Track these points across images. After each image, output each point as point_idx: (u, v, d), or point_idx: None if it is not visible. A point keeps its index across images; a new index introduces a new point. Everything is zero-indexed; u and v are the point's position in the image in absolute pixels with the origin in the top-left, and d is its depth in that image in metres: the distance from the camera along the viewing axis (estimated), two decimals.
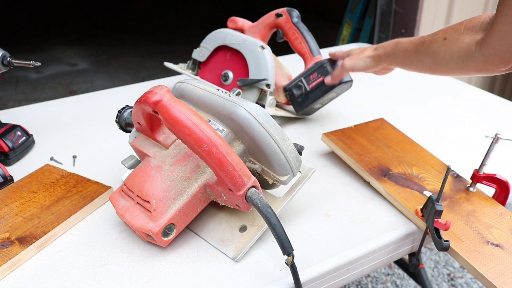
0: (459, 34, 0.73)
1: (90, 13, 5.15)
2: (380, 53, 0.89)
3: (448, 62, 0.75)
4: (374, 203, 0.84)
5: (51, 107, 1.21)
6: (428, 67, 0.80)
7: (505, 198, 0.83)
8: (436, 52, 0.76)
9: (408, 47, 0.83)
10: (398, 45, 0.86)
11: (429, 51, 0.78)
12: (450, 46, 0.74)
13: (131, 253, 0.71)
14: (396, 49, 0.86)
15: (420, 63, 0.81)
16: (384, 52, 0.89)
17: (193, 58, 1.18)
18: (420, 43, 0.81)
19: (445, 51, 0.75)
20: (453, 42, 0.74)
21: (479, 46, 0.69)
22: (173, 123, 0.63)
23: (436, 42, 0.77)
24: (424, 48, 0.79)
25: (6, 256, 0.67)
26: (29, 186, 0.83)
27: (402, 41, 0.86)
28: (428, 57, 0.79)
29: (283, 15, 1.13)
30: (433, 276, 1.76)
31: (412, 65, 0.83)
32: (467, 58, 0.71)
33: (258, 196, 0.64)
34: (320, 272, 0.69)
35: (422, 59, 0.80)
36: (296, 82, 1.09)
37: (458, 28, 0.74)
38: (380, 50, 0.90)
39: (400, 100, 1.28)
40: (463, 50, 0.72)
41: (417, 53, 0.81)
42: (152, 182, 0.68)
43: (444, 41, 0.75)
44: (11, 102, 3.17)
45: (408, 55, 0.83)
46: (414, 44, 0.82)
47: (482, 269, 0.69)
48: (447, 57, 0.75)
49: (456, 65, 0.74)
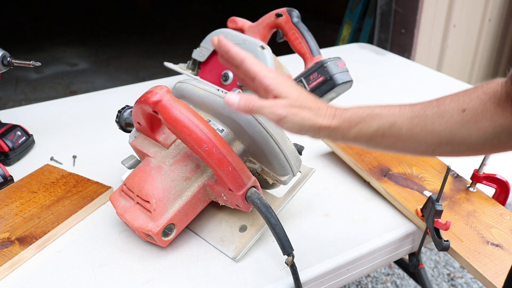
0: (483, 104, 0.53)
1: (90, 13, 5.15)
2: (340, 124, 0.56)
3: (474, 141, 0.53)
4: (374, 203, 0.84)
5: (51, 107, 1.21)
6: (432, 149, 0.56)
7: (505, 198, 0.83)
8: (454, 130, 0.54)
9: (395, 121, 0.56)
10: (375, 116, 0.56)
11: (440, 128, 0.54)
12: (475, 121, 0.53)
13: (131, 253, 0.71)
14: (372, 118, 0.56)
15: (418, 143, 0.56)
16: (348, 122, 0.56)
17: (193, 58, 1.18)
18: (418, 115, 0.56)
19: (468, 128, 0.53)
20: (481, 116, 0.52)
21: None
22: (173, 123, 0.63)
23: (449, 115, 0.54)
24: (429, 123, 0.55)
25: (6, 256, 0.67)
26: (29, 186, 0.83)
27: (377, 111, 0.57)
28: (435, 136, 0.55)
29: (283, 15, 1.13)
30: (433, 276, 1.76)
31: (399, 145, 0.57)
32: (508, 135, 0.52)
33: (258, 196, 0.64)
34: (320, 272, 0.69)
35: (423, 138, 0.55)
36: (296, 82, 1.09)
37: (476, 96, 0.54)
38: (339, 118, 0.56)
39: (400, 100, 1.28)
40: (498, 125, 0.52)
41: (415, 130, 0.55)
42: (152, 182, 0.68)
43: (463, 115, 0.53)
44: (11, 102, 3.17)
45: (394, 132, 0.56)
46: (406, 119, 0.56)
47: (482, 269, 0.69)
48: (473, 135, 0.53)
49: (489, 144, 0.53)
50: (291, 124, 0.55)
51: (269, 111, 0.54)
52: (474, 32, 2.53)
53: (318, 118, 0.55)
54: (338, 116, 0.56)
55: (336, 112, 0.56)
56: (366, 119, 0.56)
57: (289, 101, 0.55)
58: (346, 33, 3.10)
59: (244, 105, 0.55)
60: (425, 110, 0.56)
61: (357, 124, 0.56)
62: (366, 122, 0.56)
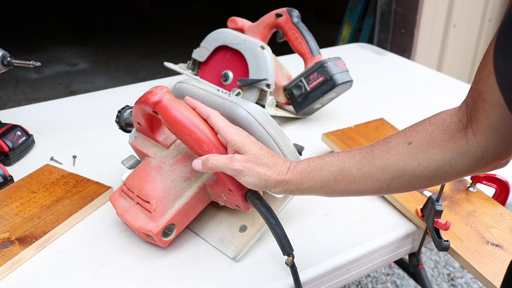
0: (430, 134, 0.54)
1: (90, 13, 5.15)
2: (294, 177, 0.58)
3: (425, 170, 0.54)
4: (374, 203, 0.84)
5: (51, 107, 1.21)
6: (386, 184, 0.57)
7: (505, 198, 0.83)
8: (402, 163, 0.55)
9: (343, 165, 0.58)
10: (324, 164, 0.58)
11: (388, 162, 0.55)
12: (423, 150, 0.54)
13: (131, 253, 0.71)
14: (322, 166, 0.58)
15: (370, 181, 0.57)
16: (300, 174, 0.59)
17: (193, 58, 1.18)
18: (366, 156, 0.57)
19: (416, 158, 0.54)
20: (428, 145, 0.54)
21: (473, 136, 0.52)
22: (173, 124, 0.63)
23: (395, 149, 0.56)
24: (377, 160, 0.56)
25: (6, 256, 0.67)
26: (29, 186, 0.83)
27: (327, 159, 0.59)
28: (385, 172, 0.56)
29: (283, 15, 1.13)
30: (433, 276, 1.76)
31: (353, 187, 0.58)
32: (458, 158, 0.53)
33: (258, 197, 0.64)
34: (320, 272, 0.69)
35: (374, 176, 0.56)
36: (296, 82, 1.09)
37: (422, 128, 0.56)
38: (292, 171, 0.59)
39: (400, 100, 1.28)
40: (447, 150, 0.53)
41: (364, 169, 0.57)
42: (152, 183, 0.68)
43: (410, 147, 0.55)
44: (11, 102, 3.17)
45: (345, 175, 0.57)
46: (355, 160, 0.58)
47: (482, 269, 0.69)
48: (423, 164, 0.54)
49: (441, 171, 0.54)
50: (247, 178, 0.59)
51: (227, 167, 0.59)
52: (474, 32, 2.53)
53: (273, 174, 0.59)
54: (292, 169, 0.59)
55: (290, 166, 0.60)
56: (317, 168, 0.59)
57: (247, 156, 0.59)
58: (346, 33, 3.10)
59: (205, 165, 0.61)
60: (372, 150, 0.58)
61: (308, 174, 0.59)
62: (317, 171, 0.58)
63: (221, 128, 0.62)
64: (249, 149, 0.60)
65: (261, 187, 0.60)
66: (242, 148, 0.60)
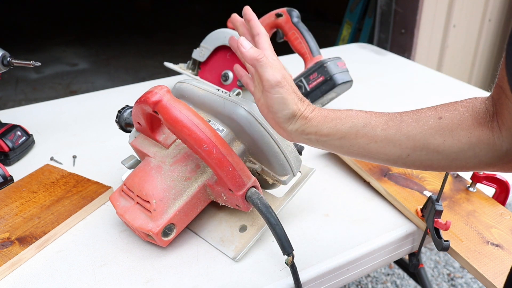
0: (460, 115, 0.53)
1: (90, 13, 5.15)
2: (316, 117, 0.57)
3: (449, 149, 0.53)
4: (374, 203, 0.84)
5: (51, 107, 1.21)
6: (406, 153, 0.55)
7: (505, 198, 0.83)
8: (428, 135, 0.53)
9: (369, 121, 0.56)
10: (350, 115, 0.57)
11: (415, 131, 0.54)
12: (451, 129, 0.53)
13: (131, 253, 0.71)
14: (347, 117, 0.57)
15: (392, 146, 0.55)
16: (324, 117, 0.57)
17: (193, 58, 1.18)
18: (393, 119, 0.56)
19: (443, 134, 0.53)
20: (457, 125, 0.52)
21: (498, 130, 0.51)
22: (173, 123, 0.63)
23: (425, 120, 0.54)
24: (404, 126, 0.54)
25: (6, 256, 0.67)
26: (29, 186, 0.83)
27: (354, 112, 0.58)
28: (410, 139, 0.54)
29: (283, 15, 1.13)
30: (433, 276, 1.76)
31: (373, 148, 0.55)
32: (483, 147, 0.51)
33: (258, 196, 0.64)
34: (320, 272, 0.69)
35: (397, 141, 0.54)
36: (296, 82, 1.09)
37: (453, 108, 0.54)
38: (318, 111, 0.57)
39: (400, 100, 1.28)
40: (474, 136, 0.52)
41: (389, 131, 0.55)
42: (152, 182, 0.68)
43: (439, 121, 0.53)
44: (11, 102, 3.17)
45: (368, 132, 0.55)
46: (381, 120, 0.56)
47: (482, 269, 0.69)
48: (448, 143, 0.53)
49: (463, 155, 0.52)
50: (280, 97, 0.56)
51: (272, 72, 0.56)
52: (474, 32, 2.53)
53: (301, 106, 0.57)
54: (317, 110, 0.58)
55: (316, 108, 0.58)
56: (341, 117, 0.57)
57: (288, 79, 0.58)
58: (346, 33, 3.10)
59: (253, 53, 0.57)
60: (401, 115, 0.56)
61: (332, 120, 0.57)
62: (341, 119, 0.56)
63: (266, 50, 0.60)
64: (288, 78, 0.58)
65: (284, 114, 0.57)
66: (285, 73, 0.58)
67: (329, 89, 1.06)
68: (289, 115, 0.57)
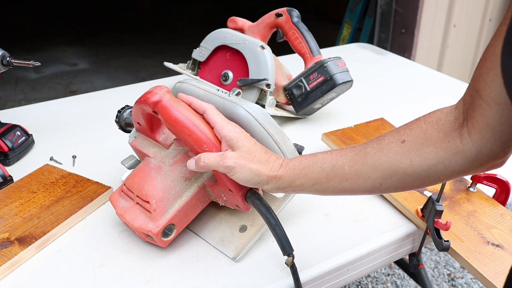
0: (423, 132, 0.54)
1: (90, 13, 5.15)
2: (286, 173, 0.59)
3: (418, 169, 0.54)
4: (374, 203, 0.84)
5: (51, 107, 1.21)
6: (378, 183, 0.56)
7: (505, 198, 0.83)
8: (394, 161, 0.54)
9: (336, 162, 0.57)
10: (317, 161, 0.58)
11: (380, 160, 0.55)
12: (416, 149, 0.53)
13: (131, 253, 0.71)
14: (315, 164, 0.58)
15: (363, 179, 0.56)
16: (292, 170, 0.59)
17: (193, 58, 1.18)
18: (358, 153, 0.57)
19: (409, 156, 0.54)
20: (421, 143, 0.53)
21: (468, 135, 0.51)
22: (173, 123, 0.63)
23: (388, 147, 0.55)
24: (369, 158, 0.56)
25: (6, 256, 0.67)
26: (29, 186, 0.83)
27: (320, 157, 0.59)
28: (377, 170, 0.55)
29: (283, 15, 1.12)
30: (434, 277, 1.76)
31: (346, 185, 0.57)
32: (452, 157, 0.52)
33: (258, 197, 0.64)
34: (320, 272, 0.69)
35: (366, 174, 0.56)
36: (296, 82, 1.09)
37: (416, 126, 0.55)
38: (285, 167, 0.59)
39: (400, 100, 1.28)
40: (441, 149, 0.52)
41: (356, 166, 0.56)
42: (152, 183, 0.68)
43: (403, 145, 0.54)
44: (10, 102, 3.17)
45: (337, 172, 0.57)
46: (347, 158, 0.57)
47: (483, 269, 0.69)
48: (415, 163, 0.53)
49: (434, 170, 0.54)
50: (239, 174, 0.59)
51: (218, 164, 0.59)
52: (474, 32, 2.53)
53: (265, 169, 0.59)
54: (284, 166, 0.59)
55: (283, 163, 0.60)
56: (309, 165, 0.58)
57: (239, 153, 0.59)
58: (346, 33, 3.10)
59: (198, 164, 0.61)
60: (365, 148, 0.57)
61: (301, 170, 0.58)
62: (309, 168, 0.58)
63: (216, 123, 0.62)
64: (242, 145, 0.60)
65: (253, 183, 0.60)
66: (235, 144, 0.60)
67: (329, 89, 1.06)
68: (257, 182, 0.59)
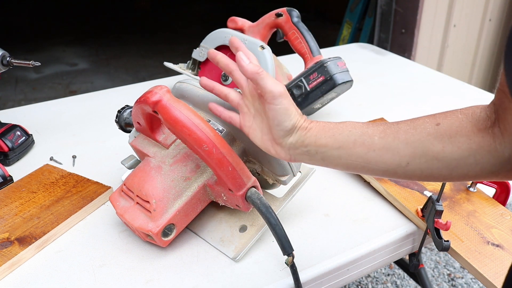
0: (459, 121, 0.52)
1: (90, 13, 5.15)
2: (315, 127, 0.58)
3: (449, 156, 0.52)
4: (374, 203, 0.84)
5: (51, 107, 1.21)
6: (405, 162, 0.54)
7: (505, 198, 0.83)
8: (427, 141, 0.52)
9: (367, 130, 0.56)
10: (347, 124, 0.57)
11: (413, 138, 0.53)
12: (450, 135, 0.52)
13: (131, 253, 0.71)
14: (345, 126, 0.57)
15: (391, 154, 0.54)
16: (322, 127, 0.58)
17: (193, 58, 1.18)
18: (391, 127, 0.55)
19: (442, 140, 0.52)
20: (456, 132, 0.52)
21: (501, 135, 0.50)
22: (173, 123, 0.63)
23: (422, 126, 0.53)
24: (401, 134, 0.54)
25: (6, 256, 0.67)
26: (29, 186, 0.83)
27: (352, 122, 0.58)
28: (408, 146, 0.53)
29: (283, 15, 1.12)
30: (434, 277, 1.76)
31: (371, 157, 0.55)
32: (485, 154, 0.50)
33: (258, 196, 0.64)
34: (320, 272, 0.69)
35: (396, 148, 0.54)
36: (296, 82, 1.09)
37: (452, 114, 0.53)
38: (315, 123, 0.58)
39: (400, 100, 1.28)
40: (474, 142, 0.51)
41: (387, 139, 0.54)
42: (152, 182, 0.68)
43: (437, 127, 0.53)
44: (10, 102, 3.17)
45: (366, 140, 0.55)
46: (379, 129, 0.55)
47: (483, 269, 0.69)
48: (448, 149, 0.51)
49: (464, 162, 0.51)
50: (282, 108, 0.57)
51: (273, 83, 0.57)
52: (474, 32, 2.53)
53: (299, 116, 0.58)
54: (315, 122, 0.59)
55: (312, 120, 0.59)
56: (339, 127, 0.57)
57: (287, 92, 0.59)
58: (346, 33, 3.10)
59: (253, 67, 0.58)
60: (399, 123, 0.56)
61: (329, 129, 0.57)
62: (338, 129, 0.57)
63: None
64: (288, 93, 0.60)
65: (285, 126, 0.57)
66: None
67: (329, 89, 1.06)
68: (290, 126, 0.58)
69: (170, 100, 0.63)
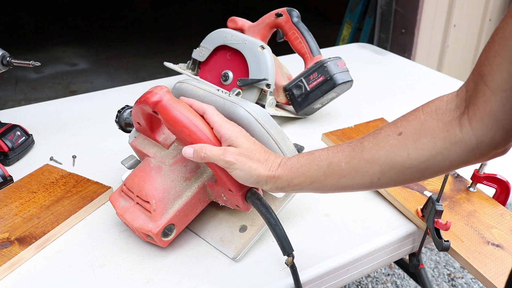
0: (421, 123, 0.53)
1: (90, 13, 5.15)
2: (284, 173, 0.59)
3: (416, 161, 0.52)
4: (374, 203, 0.84)
5: (51, 107, 1.21)
6: (376, 178, 0.55)
7: (505, 198, 0.83)
8: (391, 154, 0.53)
9: (332, 159, 0.57)
10: (313, 159, 0.58)
11: (377, 155, 0.54)
12: (413, 140, 0.52)
13: (131, 253, 0.71)
14: (311, 162, 0.58)
15: (360, 175, 0.55)
16: (290, 169, 0.58)
17: (193, 58, 1.18)
18: (355, 148, 0.56)
19: (406, 148, 0.53)
20: (419, 135, 0.52)
21: (468, 124, 0.50)
22: (173, 123, 0.63)
23: (385, 140, 0.54)
24: (366, 153, 0.55)
25: (6, 256, 0.67)
26: (29, 186, 0.83)
27: (316, 154, 0.58)
28: (374, 164, 0.54)
29: (283, 15, 1.12)
30: (434, 277, 1.76)
31: (344, 182, 0.56)
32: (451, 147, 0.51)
33: (258, 197, 0.64)
34: (320, 272, 0.69)
35: (363, 169, 0.55)
36: (296, 82, 1.09)
37: (414, 117, 0.54)
38: (283, 166, 0.59)
39: (400, 100, 1.28)
40: (439, 139, 0.51)
41: (353, 162, 0.55)
42: (152, 183, 0.68)
43: (400, 137, 0.53)
44: (10, 102, 3.17)
45: (334, 169, 0.56)
46: (344, 154, 0.56)
47: (483, 269, 0.69)
48: (413, 155, 0.52)
49: (433, 161, 0.52)
50: (238, 172, 0.59)
51: (219, 158, 0.59)
52: (474, 32, 2.53)
53: (264, 169, 0.59)
54: (282, 165, 0.59)
55: (281, 162, 0.60)
56: (306, 164, 0.58)
57: (240, 150, 0.60)
58: (346, 33, 3.10)
59: (197, 153, 0.61)
60: (362, 142, 0.56)
61: (298, 169, 0.58)
62: (306, 166, 0.58)
63: (216, 122, 0.63)
64: (242, 143, 0.60)
65: (252, 183, 0.60)
66: (235, 142, 0.61)
67: (329, 89, 1.06)
68: (255, 182, 0.60)
69: (170, 100, 0.63)
